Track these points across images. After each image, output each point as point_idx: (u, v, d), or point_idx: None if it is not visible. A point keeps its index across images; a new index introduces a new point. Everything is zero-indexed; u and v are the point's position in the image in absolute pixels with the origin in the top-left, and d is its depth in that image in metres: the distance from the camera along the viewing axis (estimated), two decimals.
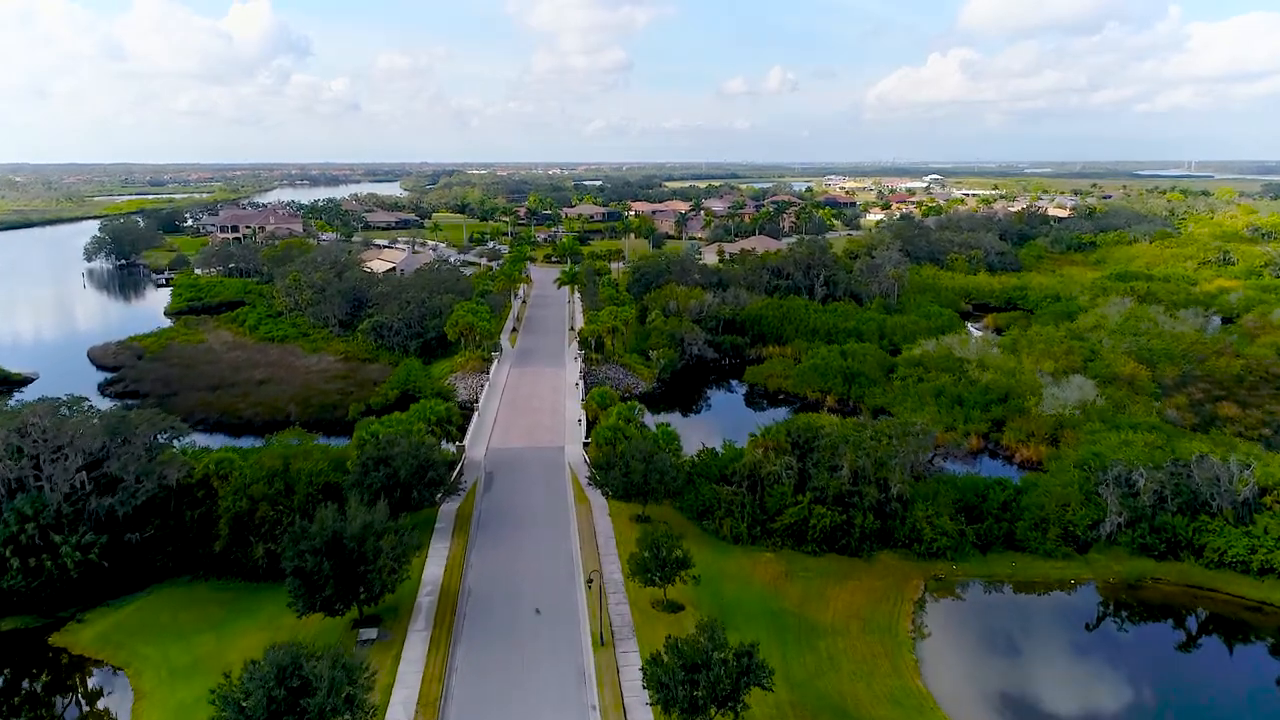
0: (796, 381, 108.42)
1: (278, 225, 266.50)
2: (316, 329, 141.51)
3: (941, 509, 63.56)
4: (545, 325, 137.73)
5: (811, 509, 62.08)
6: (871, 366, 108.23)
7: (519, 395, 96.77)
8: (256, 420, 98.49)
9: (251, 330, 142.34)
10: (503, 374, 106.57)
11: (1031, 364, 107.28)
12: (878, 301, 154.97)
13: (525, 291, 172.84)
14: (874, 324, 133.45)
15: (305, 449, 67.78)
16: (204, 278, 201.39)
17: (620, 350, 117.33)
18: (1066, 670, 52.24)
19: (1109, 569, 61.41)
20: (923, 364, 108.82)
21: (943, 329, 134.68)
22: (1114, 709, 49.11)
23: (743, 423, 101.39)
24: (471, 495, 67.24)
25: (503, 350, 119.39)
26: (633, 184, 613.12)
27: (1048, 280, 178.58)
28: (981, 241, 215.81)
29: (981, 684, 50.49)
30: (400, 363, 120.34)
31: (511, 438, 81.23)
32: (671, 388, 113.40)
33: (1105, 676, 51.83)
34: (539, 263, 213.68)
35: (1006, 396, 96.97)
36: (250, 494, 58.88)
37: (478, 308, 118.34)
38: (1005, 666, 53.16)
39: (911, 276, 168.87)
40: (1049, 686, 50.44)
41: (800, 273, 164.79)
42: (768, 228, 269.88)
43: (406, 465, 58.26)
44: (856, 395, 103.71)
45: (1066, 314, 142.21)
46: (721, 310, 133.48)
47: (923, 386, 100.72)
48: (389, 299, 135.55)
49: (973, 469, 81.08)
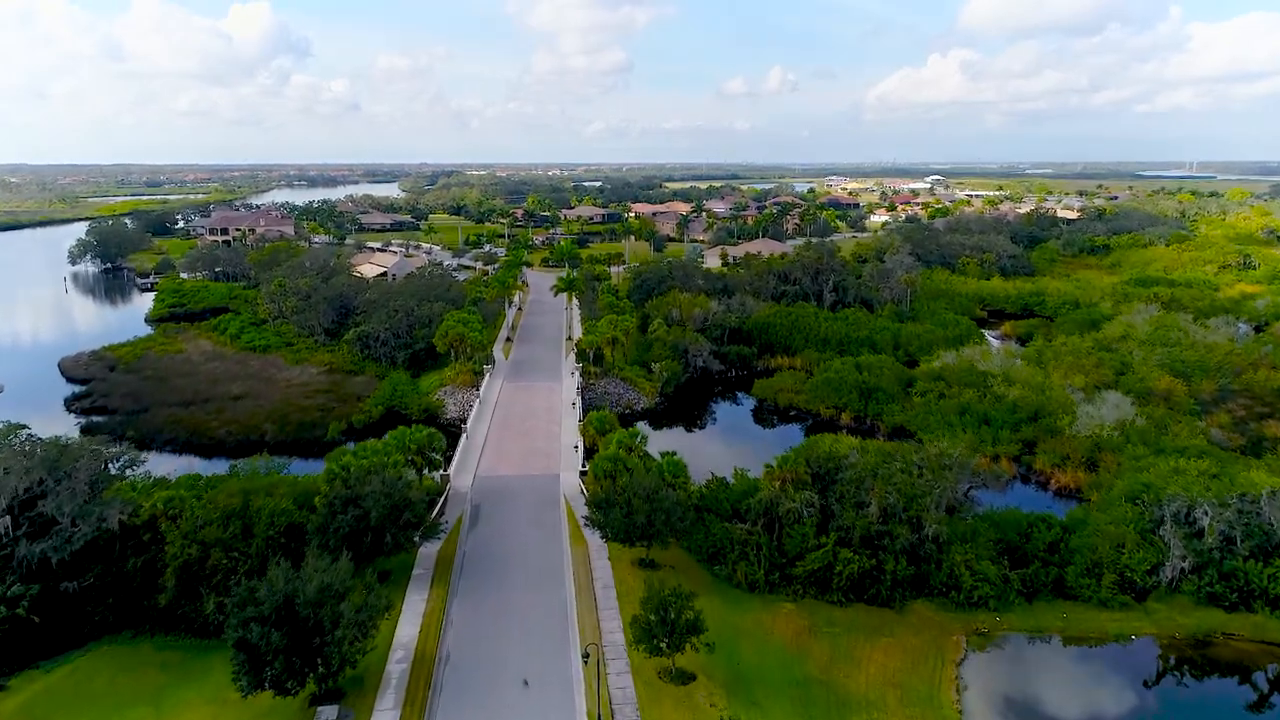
0: (809, 397, 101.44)
1: (268, 228, 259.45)
2: (301, 338, 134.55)
3: (981, 551, 56.60)
4: (541, 334, 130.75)
5: (837, 552, 55.10)
6: (889, 381, 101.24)
7: (511, 414, 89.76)
8: (229, 440, 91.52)
9: (233, 339, 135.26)
10: (495, 389, 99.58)
11: (1060, 378, 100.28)
12: (889, 308, 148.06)
13: (521, 298, 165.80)
14: (888, 333, 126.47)
15: (270, 482, 60.77)
16: (189, 282, 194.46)
17: (620, 362, 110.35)
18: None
19: (1172, 621, 54.43)
20: (943, 378, 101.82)
21: (960, 338, 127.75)
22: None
23: (753, 442, 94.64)
24: (455, 534, 60.25)
25: (495, 362, 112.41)
26: (633, 185, 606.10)
27: (1064, 285, 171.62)
28: (993, 244, 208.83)
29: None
30: (387, 375, 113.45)
31: (502, 464, 74.21)
32: (675, 403, 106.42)
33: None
34: (536, 267, 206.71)
35: (1037, 415, 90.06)
36: (202, 539, 51.85)
37: (469, 317, 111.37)
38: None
39: (922, 281, 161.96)
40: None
41: (808, 278, 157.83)
42: (771, 230, 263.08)
43: (379, 506, 51.27)
44: (874, 412, 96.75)
45: (1089, 322, 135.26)
46: (727, 319, 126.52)
47: (945, 403, 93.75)
48: (377, 307, 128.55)
49: (1006, 498, 74.07)
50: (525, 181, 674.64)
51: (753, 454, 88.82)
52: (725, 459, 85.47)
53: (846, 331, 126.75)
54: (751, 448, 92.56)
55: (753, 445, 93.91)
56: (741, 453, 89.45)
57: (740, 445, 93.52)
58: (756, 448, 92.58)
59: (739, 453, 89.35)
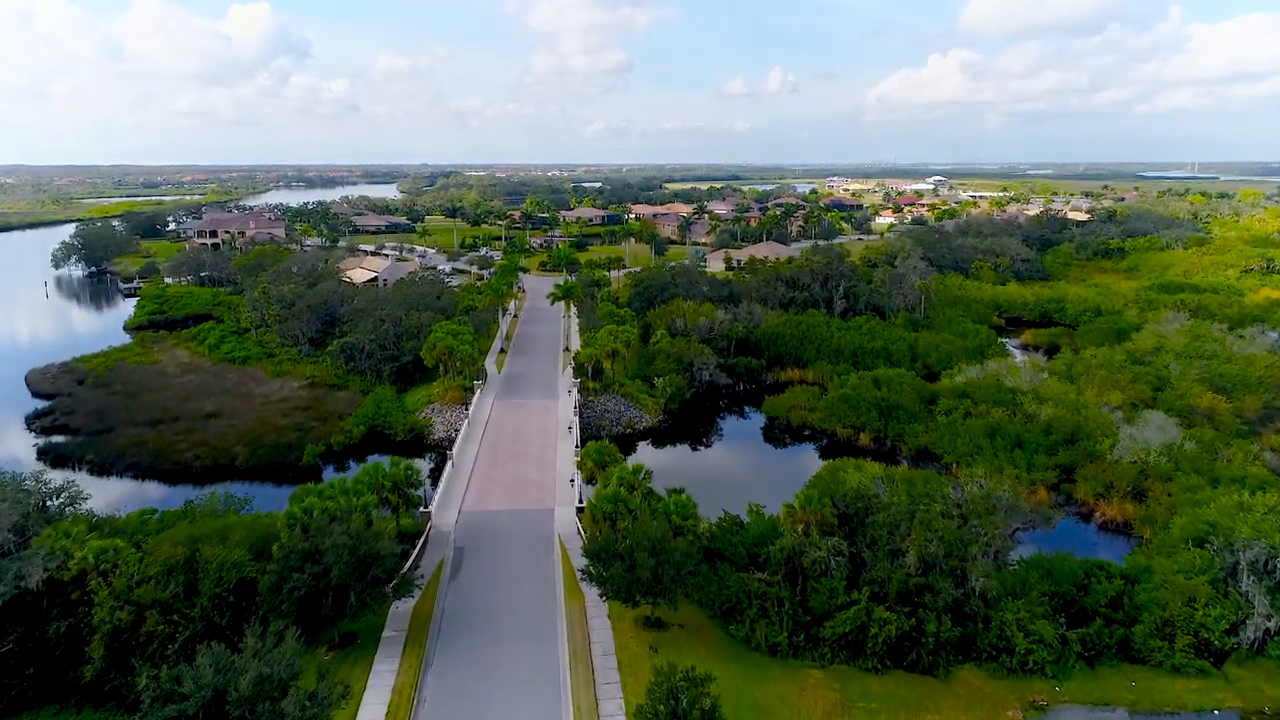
0: (824, 415, 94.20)
1: (259, 230, 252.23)
2: (284, 348, 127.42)
3: (1035, 608, 49.42)
4: (537, 345, 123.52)
5: (871, 610, 47.91)
6: (909, 397, 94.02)
7: (503, 435, 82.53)
8: (196, 465, 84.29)
9: (211, 350, 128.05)
10: (485, 406, 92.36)
11: (1095, 395, 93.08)
12: (903, 316, 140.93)
13: (517, 304, 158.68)
14: (904, 344, 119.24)
15: (224, 525, 53.55)
16: (173, 288, 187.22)
17: (621, 377, 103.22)
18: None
19: (1259, 692, 47.25)
20: (968, 395, 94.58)
21: (981, 349, 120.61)
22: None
23: (765, 466, 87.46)
24: (434, 584, 53.04)
25: (487, 376, 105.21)
26: (633, 186, 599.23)
27: (1084, 291, 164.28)
28: (1006, 248, 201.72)
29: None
30: (372, 390, 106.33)
31: (490, 497, 67.00)
32: (680, 420, 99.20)
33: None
34: (534, 271, 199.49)
35: (1074, 437, 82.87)
36: (137, 599, 44.69)
37: (459, 329, 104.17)
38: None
39: (935, 287, 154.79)
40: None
41: (818, 284, 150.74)
42: (775, 233, 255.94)
43: (342, 562, 44.07)
44: (895, 433, 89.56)
45: (1115, 332, 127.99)
46: (734, 329, 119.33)
47: (973, 424, 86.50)
48: (363, 316, 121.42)
49: (1049, 535, 66.84)
50: (524, 182, 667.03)
51: (766, 481, 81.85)
52: (736, 487, 78.42)
53: (860, 342, 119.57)
54: (765, 473, 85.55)
55: (766, 470, 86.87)
56: (754, 480, 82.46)
57: (752, 470, 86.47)
58: (770, 473, 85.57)
59: (751, 480, 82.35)
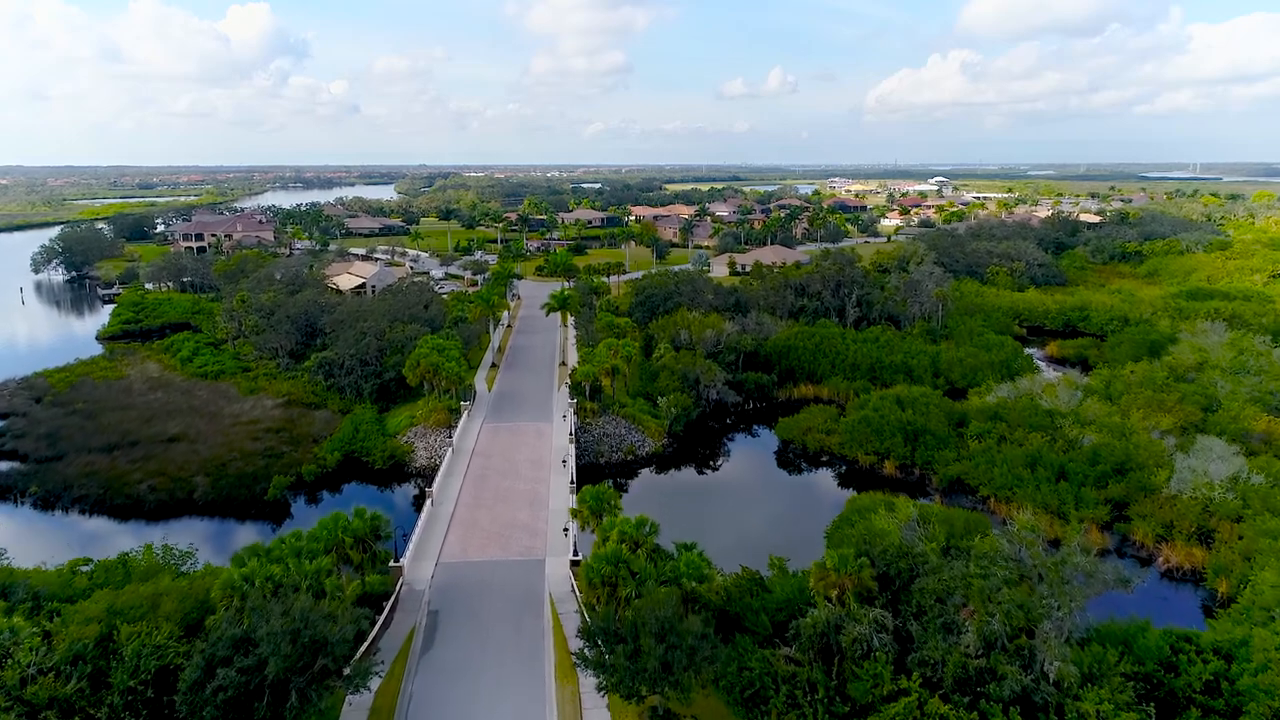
0: (844, 439, 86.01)
1: (246, 233, 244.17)
2: (262, 361, 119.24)
3: (1117, 695, 41.22)
4: (531, 358, 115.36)
5: (924, 702, 39.76)
6: (937, 420, 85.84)
7: (490, 467, 74.31)
8: (150, 499, 76.00)
9: (184, 363, 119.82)
10: (473, 431, 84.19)
11: (1140, 418, 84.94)
12: (920, 326, 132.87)
13: (512, 312, 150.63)
14: (925, 358, 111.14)
15: (155, 591, 45.39)
16: (152, 294, 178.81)
17: (622, 396, 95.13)
18: None
19: None
20: (1001, 416, 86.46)
21: (1007, 363, 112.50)
22: None
23: (783, 499, 79.22)
24: (401, 662, 44.82)
25: (476, 394, 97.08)
26: (632, 187, 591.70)
27: (1108, 298, 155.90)
28: (1022, 252, 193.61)
29: None
30: (352, 410, 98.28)
31: (473, 544, 58.84)
32: (686, 444, 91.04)
33: None
34: (530, 276, 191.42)
35: (1123, 467, 74.75)
36: (30, 697, 36.53)
37: (446, 344, 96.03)
38: None
39: (951, 293, 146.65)
40: None
41: (829, 292, 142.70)
42: (780, 236, 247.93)
43: (280, 654, 35.85)
44: (923, 459, 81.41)
45: (1149, 343, 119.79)
46: (742, 341, 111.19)
47: (1009, 451, 78.33)
48: (344, 328, 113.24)
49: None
50: (523, 184, 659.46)
51: (785, 517, 73.80)
52: (751, 526, 70.42)
53: (878, 355, 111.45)
54: (782, 507, 77.38)
55: (783, 503, 78.66)
56: (771, 516, 74.34)
57: (768, 504, 78.22)
58: (788, 507, 77.40)
59: (768, 516, 74.23)
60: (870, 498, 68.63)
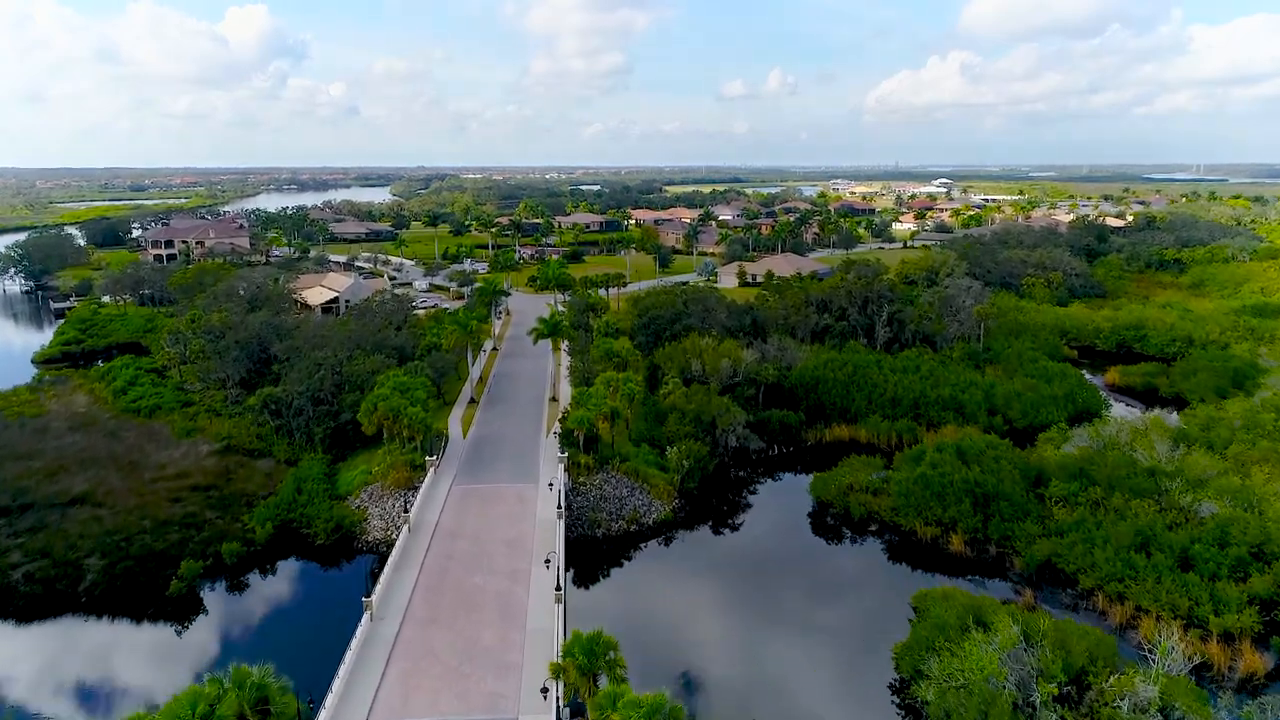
0: (896, 502, 69.87)
1: (219, 239, 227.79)
2: (209, 392, 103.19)
3: None
4: (517, 391, 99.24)
5: None
6: (1010, 480, 69.63)
7: (454, 553, 58.10)
8: (24, 589, 59.76)
9: (117, 395, 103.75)
10: (438, 497, 67.95)
11: (1263, 480, 68.77)
12: (960, 348, 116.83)
13: (499, 331, 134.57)
14: (977, 391, 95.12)
15: None
16: (107, 309, 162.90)
17: (623, 443, 79.17)
18: None
19: None
20: (1088, 474, 70.40)
21: (1071, 397, 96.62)
22: None
23: (826, 591, 62.42)
24: None
25: (448, 441, 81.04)
26: (632, 189, 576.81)
27: (1163, 314, 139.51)
28: (1058, 261, 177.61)
29: None
30: (301, 459, 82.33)
31: (419, 692, 42.48)
32: (700, 506, 74.87)
33: None
34: (522, 287, 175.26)
35: (1261, 551, 58.76)
36: None
37: (411, 382, 79.94)
38: None
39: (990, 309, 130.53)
40: None
41: (855, 309, 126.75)
42: (791, 242, 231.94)
43: None
44: (998, 533, 65.23)
45: (1229, 372, 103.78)
46: (763, 372, 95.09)
47: (1114, 527, 62.03)
48: (300, 356, 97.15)
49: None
50: (521, 186, 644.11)
51: (834, 625, 57.26)
52: (787, 646, 54.02)
53: (922, 389, 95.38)
54: (828, 606, 60.55)
55: (828, 597, 61.92)
56: (814, 625, 57.56)
57: (807, 599, 61.32)
58: (835, 605, 60.62)
59: (809, 626, 57.43)
60: (946, 601, 52.52)
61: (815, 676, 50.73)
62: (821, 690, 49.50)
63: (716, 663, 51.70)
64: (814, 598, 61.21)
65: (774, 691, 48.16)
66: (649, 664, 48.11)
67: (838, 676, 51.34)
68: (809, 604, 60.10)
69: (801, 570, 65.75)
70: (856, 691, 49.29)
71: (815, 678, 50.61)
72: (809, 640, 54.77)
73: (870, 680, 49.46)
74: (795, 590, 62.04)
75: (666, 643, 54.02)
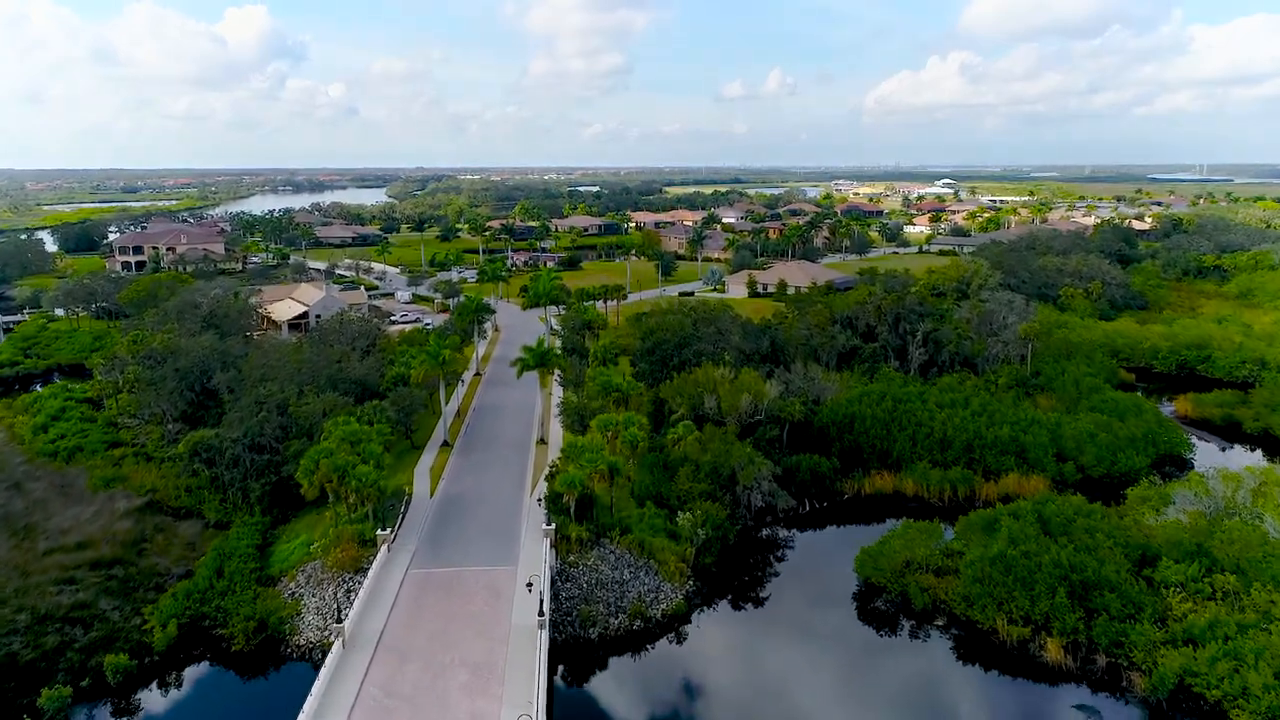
0: (967, 589, 55.46)
1: (191, 245, 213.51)
2: (146, 428, 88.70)
3: None
4: (499, 431, 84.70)
5: None
6: (1112, 561, 55.26)
7: (397, 688, 43.29)
8: None
9: (37, 432, 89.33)
10: (388, 589, 53.24)
11: None
12: (1006, 373, 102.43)
13: (485, 349, 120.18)
14: (1042, 432, 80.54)
15: None
16: (57, 323, 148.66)
17: (624, 503, 64.79)
18: None
19: None
20: (1208, 553, 56.02)
21: (1152, 438, 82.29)
22: None
23: (886, 712, 48.01)
24: None
25: (410, 499, 66.50)
26: (631, 190, 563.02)
27: (1226, 331, 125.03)
28: (1097, 270, 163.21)
29: None
30: (234, 519, 67.98)
31: None
32: (719, 587, 60.43)
33: None
34: (514, 298, 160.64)
35: None
36: None
37: (364, 431, 65.44)
38: None
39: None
40: None
41: (886, 328, 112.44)
42: (801, 248, 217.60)
43: None
44: (1105, 638, 50.58)
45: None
46: (789, 408, 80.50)
47: (1270, 637, 47.63)
48: (244, 389, 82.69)
49: None
50: (519, 187, 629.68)
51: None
52: None
53: (976, 428, 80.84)
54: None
55: None
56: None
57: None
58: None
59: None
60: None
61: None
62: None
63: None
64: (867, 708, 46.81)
65: None
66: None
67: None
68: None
69: (853, 686, 51.30)
70: None
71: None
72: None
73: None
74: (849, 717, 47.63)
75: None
